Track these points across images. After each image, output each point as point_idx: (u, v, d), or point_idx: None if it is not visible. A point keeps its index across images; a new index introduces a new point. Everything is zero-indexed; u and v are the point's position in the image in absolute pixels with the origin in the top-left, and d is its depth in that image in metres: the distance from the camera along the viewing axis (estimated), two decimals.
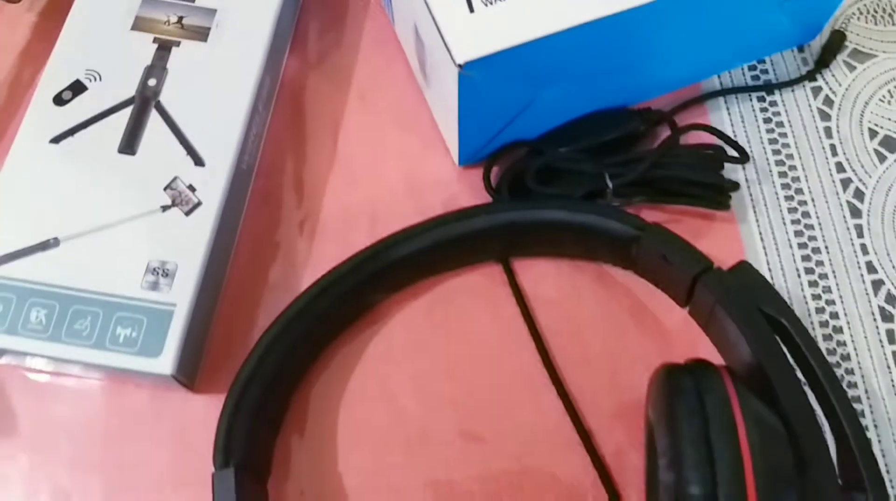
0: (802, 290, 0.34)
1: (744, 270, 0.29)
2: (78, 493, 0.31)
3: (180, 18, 0.34)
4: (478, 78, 0.29)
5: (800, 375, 0.27)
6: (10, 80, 0.37)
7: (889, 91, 0.38)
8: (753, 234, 0.35)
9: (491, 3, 0.29)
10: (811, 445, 0.25)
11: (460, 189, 0.36)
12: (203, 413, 0.32)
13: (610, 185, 0.33)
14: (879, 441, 0.32)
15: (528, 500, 0.30)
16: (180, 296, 0.29)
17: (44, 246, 0.30)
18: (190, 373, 0.31)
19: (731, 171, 0.36)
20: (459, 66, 0.28)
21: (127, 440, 0.31)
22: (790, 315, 0.28)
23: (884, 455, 0.31)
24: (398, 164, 0.36)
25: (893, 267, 0.35)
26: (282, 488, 0.31)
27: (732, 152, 0.35)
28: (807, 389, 0.27)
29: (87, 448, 0.31)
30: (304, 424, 0.32)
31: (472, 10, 0.29)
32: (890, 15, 0.40)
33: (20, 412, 0.32)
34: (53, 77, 0.33)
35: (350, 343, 0.33)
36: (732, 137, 0.36)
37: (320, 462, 0.31)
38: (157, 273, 0.30)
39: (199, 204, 0.31)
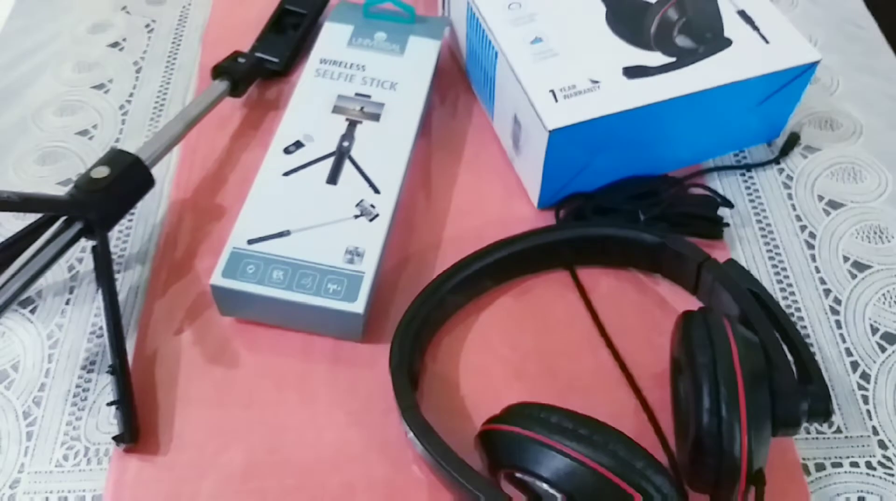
0: (774, 293, 0.50)
1: (732, 263, 0.45)
2: (284, 402, 0.45)
3: (362, 107, 0.53)
4: (558, 140, 0.47)
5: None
6: (247, 142, 0.56)
7: (832, 172, 0.56)
8: (740, 259, 0.51)
9: (566, 98, 0.48)
10: (778, 357, 0.40)
11: (538, 224, 0.52)
12: (367, 355, 0.47)
13: (642, 217, 0.50)
14: (826, 370, 0.46)
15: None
16: (367, 268, 0.45)
17: (280, 234, 0.46)
18: (366, 321, 0.46)
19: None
20: (549, 131, 0.46)
21: (316, 371, 0.46)
22: (763, 289, 0.44)
23: (827, 370, 0.46)
24: (494, 207, 0.53)
25: (836, 278, 0.50)
26: (421, 403, 0.45)
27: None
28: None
29: (288, 377, 0.46)
30: (436, 363, 0.47)
31: (556, 100, 0.48)
32: (829, 124, 0.58)
33: (244, 354, 0.47)
34: (283, 138, 0.51)
35: (467, 315, 0.49)
36: (721, 193, 0.53)
37: (447, 386, 0.46)
38: (352, 253, 0.46)
39: (377, 215, 0.48)
